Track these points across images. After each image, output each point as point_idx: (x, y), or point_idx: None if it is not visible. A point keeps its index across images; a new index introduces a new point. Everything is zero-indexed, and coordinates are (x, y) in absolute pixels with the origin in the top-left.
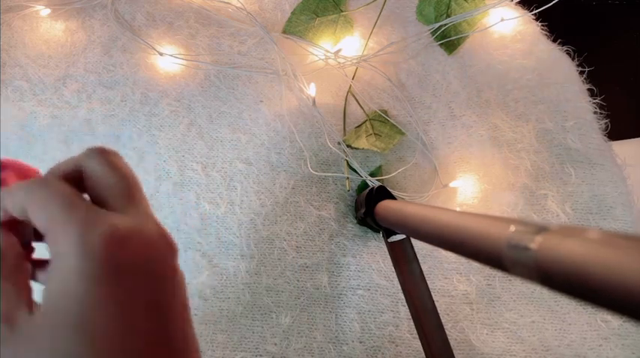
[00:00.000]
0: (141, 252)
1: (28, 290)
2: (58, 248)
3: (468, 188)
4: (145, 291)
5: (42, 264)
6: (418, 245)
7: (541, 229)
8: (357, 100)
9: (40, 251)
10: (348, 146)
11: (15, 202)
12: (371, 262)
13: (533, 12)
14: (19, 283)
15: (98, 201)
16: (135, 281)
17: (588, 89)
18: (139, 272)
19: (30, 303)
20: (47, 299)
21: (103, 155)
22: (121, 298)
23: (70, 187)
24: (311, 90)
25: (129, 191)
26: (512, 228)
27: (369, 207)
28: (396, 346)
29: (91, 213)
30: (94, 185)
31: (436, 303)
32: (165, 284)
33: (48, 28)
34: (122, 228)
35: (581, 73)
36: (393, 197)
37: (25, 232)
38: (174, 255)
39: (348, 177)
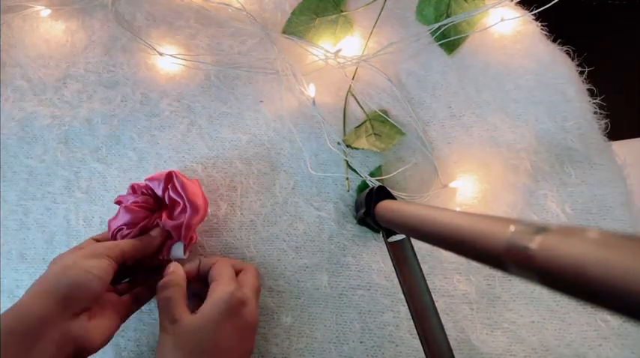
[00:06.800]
0: (248, 316)
1: (185, 301)
2: (220, 287)
3: (468, 188)
4: (241, 334)
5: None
6: (418, 245)
7: (541, 229)
8: (357, 100)
9: None
10: (348, 146)
11: (206, 266)
12: (371, 262)
13: (533, 12)
14: (183, 296)
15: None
16: (240, 325)
17: (588, 89)
18: (242, 318)
19: (188, 309)
20: (202, 312)
21: (255, 270)
22: (233, 329)
23: (232, 269)
24: (310, 90)
25: (258, 294)
26: (512, 228)
27: (368, 207)
28: (396, 346)
29: (237, 286)
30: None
31: (436, 303)
32: (250, 338)
33: (48, 28)
34: (247, 299)
35: (581, 73)
36: (393, 197)
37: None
38: (256, 328)
39: (347, 178)
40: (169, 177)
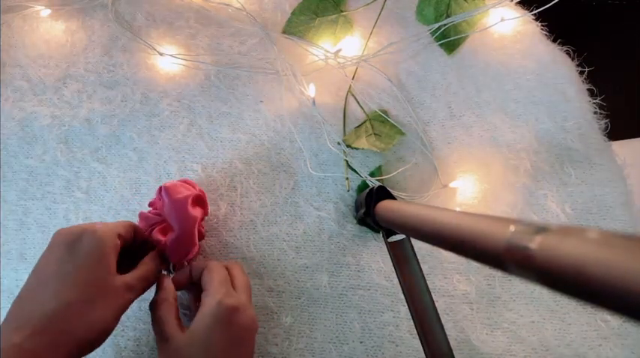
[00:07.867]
0: (242, 320)
1: (178, 318)
2: (208, 299)
3: (468, 188)
4: (237, 340)
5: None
6: (418, 245)
7: (541, 229)
8: (357, 100)
9: None
10: (348, 146)
11: (197, 271)
12: (371, 262)
13: (533, 12)
14: (174, 313)
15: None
16: (235, 332)
17: (588, 89)
18: (236, 325)
19: (179, 326)
20: (191, 329)
21: (240, 266)
22: (226, 339)
23: (226, 274)
24: (310, 90)
25: (249, 292)
26: (512, 228)
27: (368, 207)
28: (396, 346)
29: (229, 291)
30: (234, 278)
31: (436, 303)
32: (248, 342)
33: (48, 29)
34: (238, 304)
35: (581, 73)
36: (393, 197)
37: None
38: (257, 329)
39: (347, 178)
40: (159, 193)
